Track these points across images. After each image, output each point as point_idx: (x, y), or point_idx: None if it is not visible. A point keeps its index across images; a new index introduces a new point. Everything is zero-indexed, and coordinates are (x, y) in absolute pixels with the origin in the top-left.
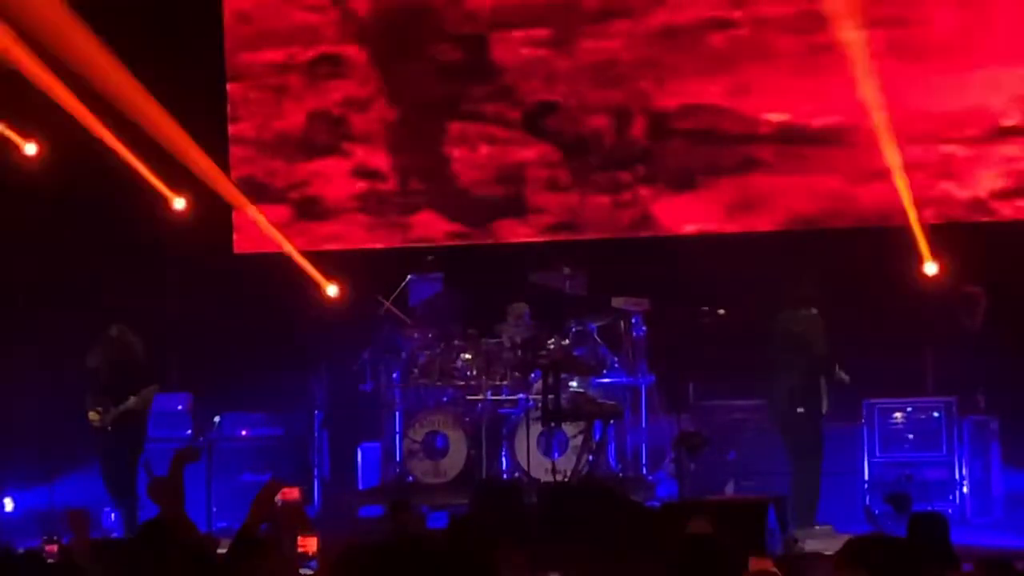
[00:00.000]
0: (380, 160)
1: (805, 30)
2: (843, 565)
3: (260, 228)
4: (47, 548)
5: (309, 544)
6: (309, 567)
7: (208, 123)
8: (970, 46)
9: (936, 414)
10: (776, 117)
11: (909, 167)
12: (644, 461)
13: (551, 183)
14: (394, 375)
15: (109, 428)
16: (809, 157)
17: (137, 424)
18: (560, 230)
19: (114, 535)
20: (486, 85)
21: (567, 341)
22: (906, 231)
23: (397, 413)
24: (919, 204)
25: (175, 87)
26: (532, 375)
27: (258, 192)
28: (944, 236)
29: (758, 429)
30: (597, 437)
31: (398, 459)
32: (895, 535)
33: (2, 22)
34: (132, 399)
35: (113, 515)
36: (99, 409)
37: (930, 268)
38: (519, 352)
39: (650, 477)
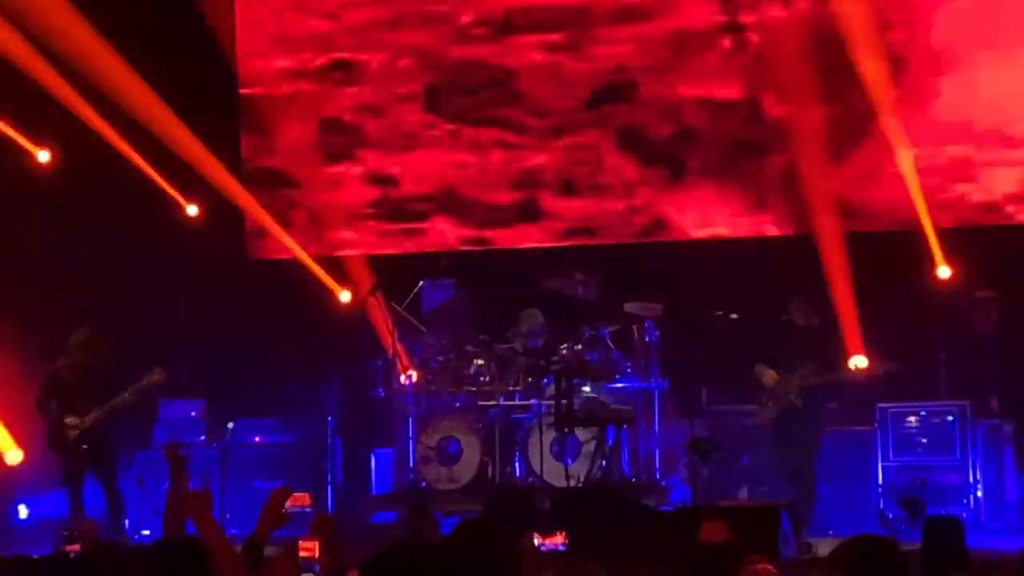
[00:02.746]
0: (392, 166)
1: (816, 33)
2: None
3: (273, 234)
4: (68, 547)
5: (311, 548)
6: (312, 570)
7: (221, 130)
8: (977, 47)
9: (950, 418)
10: (788, 121)
11: (922, 171)
12: (657, 466)
13: (564, 188)
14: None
15: (83, 435)
16: (821, 161)
17: (109, 432)
18: (573, 235)
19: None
20: (500, 90)
21: (580, 346)
22: (919, 235)
23: (410, 419)
24: (933, 208)
25: (189, 94)
26: (545, 380)
27: (271, 198)
28: (958, 240)
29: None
30: (610, 442)
31: (411, 465)
32: (910, 540)
33: (15, 28)
34: (126, 393)
35: (127, 521)
36: (74, 415)
37: (943, 272)
38: (532, 357)
39: (663, 482)
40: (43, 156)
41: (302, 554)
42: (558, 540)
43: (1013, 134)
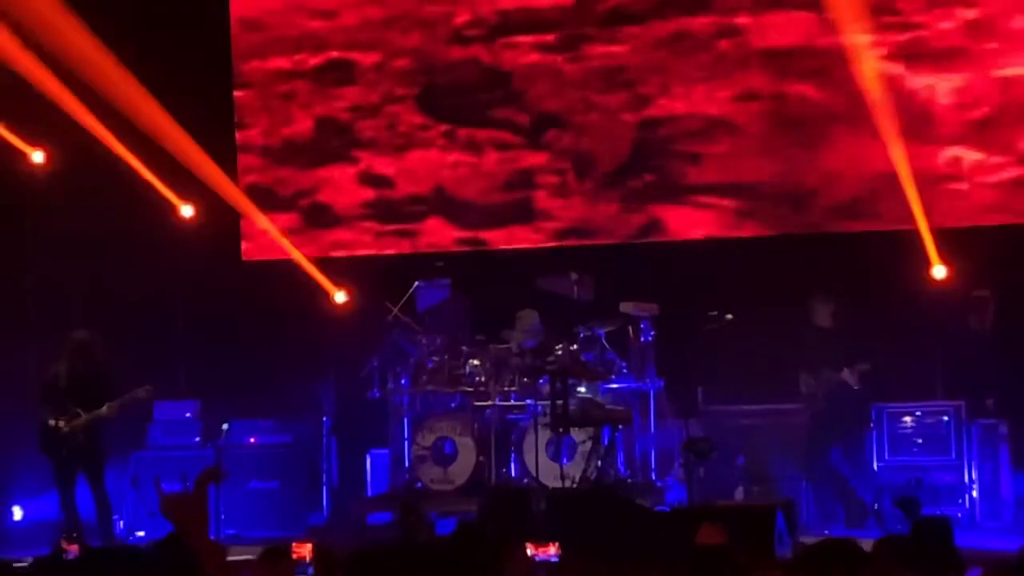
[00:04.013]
0: (388, 166)
1: (812, 34)
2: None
3: (268, 235)
4: (68, 547)
5: (304, 550)
6: (305, 573)
7: (216, 130)
8: (980, 49)
9: (945, 418)
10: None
11: (918, 170)
12: (653, 466)
13: (559, 189)
14: (402, 381)
15: (70, 438)
16: (818, 161)
17: (98, 436)
18: (568, 236)
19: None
20: (495, 91)
21: (575, 347)
22: (915, 235)
23: (405, 419)
24: (929, 207)
25: (183, 94)
26: (540, 381)
27: (266, 199)
28: (954, 239)
29: (767, 434)
30: (606, 442)
31: (407, 465)
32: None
33: (7, 28)
34: (105, 407)
35: (122, 522)
36: (63, 418)
37: (939, 272)
38: (527, 358)
39: (659, 482)
40: (37, 157)
41: (295, 556)
42: (551, 551)
43: (1005, 136)
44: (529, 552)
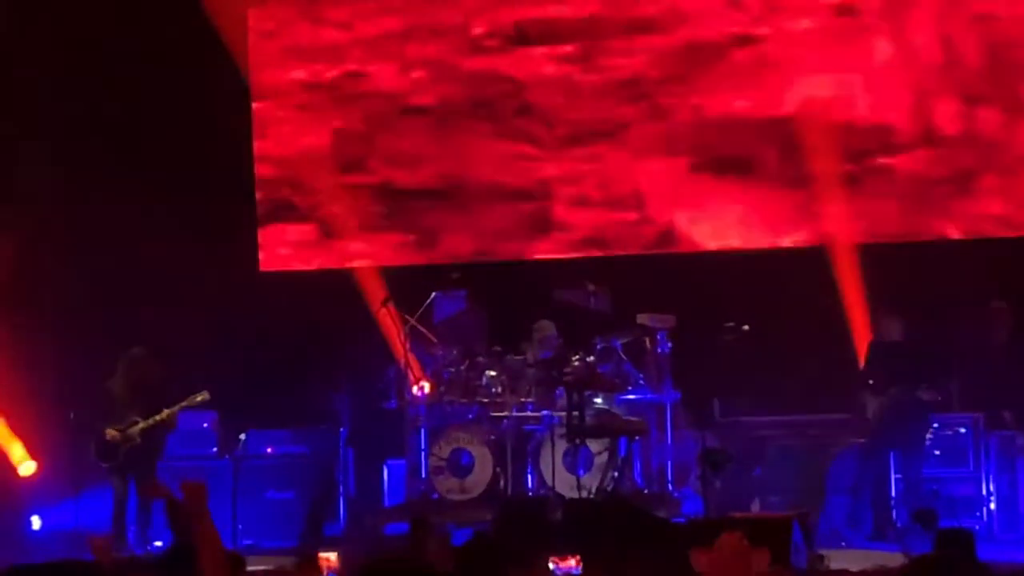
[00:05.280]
0: (405, 177)
1: (831, 41)
2: None
3: (286, 245)
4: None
5: (329, 559)
6: None
7: (234, 141)
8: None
9: (963, 430)
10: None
11: (935, 182)
12: (669, 477)
13: (577, 199)
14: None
15: (128, 442)
16: (831, 171)
17: (155, 443)
18: (585, 246)
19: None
20: (512, 102)
21: (592, 358)
22: (931, 246)
23: (422, 430)
24: (946, 219)
25: (200, 105)
26: (557, 392)
27: (284, 210)
28: (970, 251)
29: (783, 445)
30: (622, 454)
31: (423, 476)
32: (922, 552)
33: None
34: (165, 412)
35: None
36: (118, 427)
37: None
38: (544, 369)
39: (675, 493)
40: None
41: (322, 563)
42: (571, 564)
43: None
44: (550, 565)
